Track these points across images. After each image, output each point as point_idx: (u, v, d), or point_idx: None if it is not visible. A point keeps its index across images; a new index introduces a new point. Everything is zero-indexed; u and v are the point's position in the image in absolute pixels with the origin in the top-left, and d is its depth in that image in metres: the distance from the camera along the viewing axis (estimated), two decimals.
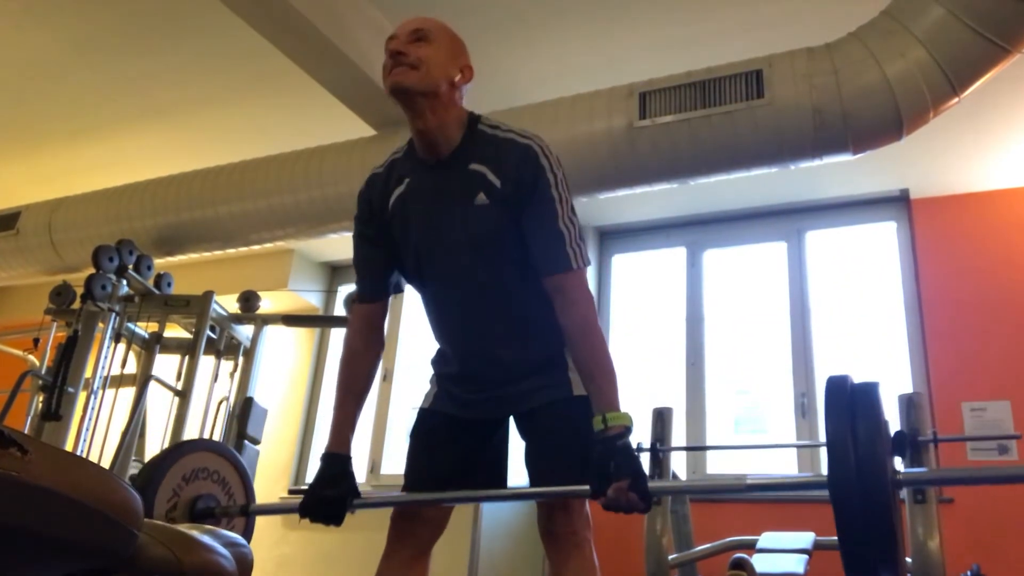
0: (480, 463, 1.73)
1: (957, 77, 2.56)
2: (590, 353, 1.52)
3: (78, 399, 3.44)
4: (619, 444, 1.42)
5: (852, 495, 1.26)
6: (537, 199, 1.55)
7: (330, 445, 1.65)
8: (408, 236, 1.65)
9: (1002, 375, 3.71)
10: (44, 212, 4.22)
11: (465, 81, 1.64)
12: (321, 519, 1.59)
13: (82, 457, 1.03)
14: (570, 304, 1.53)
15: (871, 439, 1.28)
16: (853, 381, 1.41)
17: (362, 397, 1.70)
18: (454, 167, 1.60)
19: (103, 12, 3.20)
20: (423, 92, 1.56)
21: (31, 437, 0.88)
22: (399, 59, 1.56)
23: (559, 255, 1.54)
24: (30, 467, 0.83)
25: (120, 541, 0.95)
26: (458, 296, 1.67)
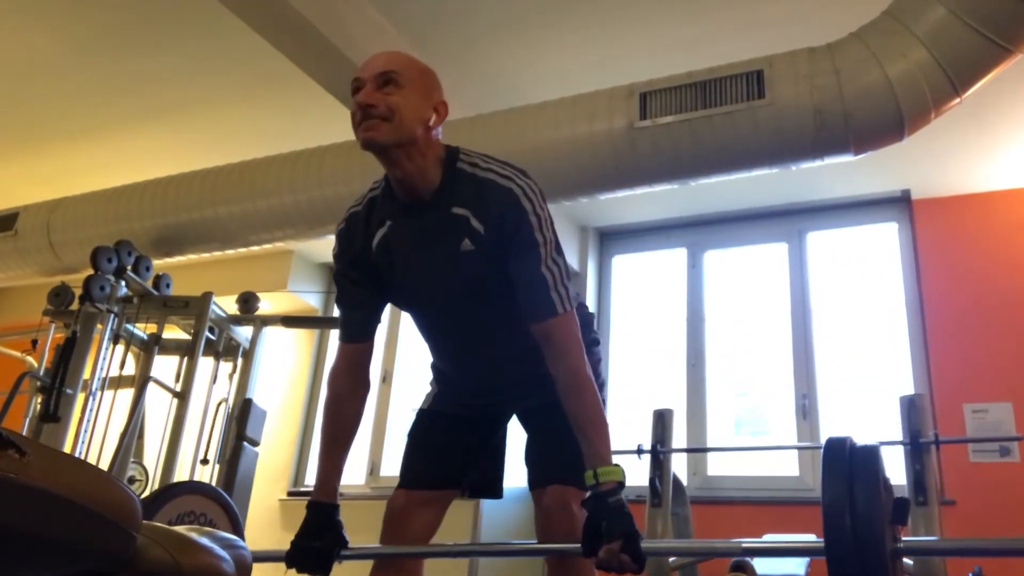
0: (478, 462, 1.73)
1: (959, 77, 2.55)
2: (581, 406, 1.48)
3: (76, 400, 3.43)
4: (611, 502, 1.39)
5: (849, 566, 1.23)
6: (520, 245, 1.50)
7: (316, 494, 1.62)
8: (395, 278, 1.62)
9: (1004, 376, 3.71)
10: (42, 213, 4.21)
11: (440, 120, 1.55)
12: (307, 570, 1.57)
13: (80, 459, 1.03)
14: (559, 354, 1.50)
15: (869, 508, 1.25)
16: (853, 443, 1.37)
17: (348, 443, 1.67)
18: (436, 210, 1.54)
19: (102, 13, 3.19)
20: (398, 144, 1.48)
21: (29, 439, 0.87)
22: (369, 112, 1.46)
23: (543, 301, 1.49)
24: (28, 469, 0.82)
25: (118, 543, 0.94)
26: (453, 329, 1.67)
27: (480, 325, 1.63)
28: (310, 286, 5.20)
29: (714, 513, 3.85)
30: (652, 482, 3.15)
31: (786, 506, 3.82)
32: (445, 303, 1.61)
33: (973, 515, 3.51)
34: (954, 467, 3.62)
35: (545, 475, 1.61)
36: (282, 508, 4.76)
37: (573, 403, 1.49)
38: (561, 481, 1.57)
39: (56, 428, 3.31)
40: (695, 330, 4.43)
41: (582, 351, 1.52)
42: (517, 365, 1.66)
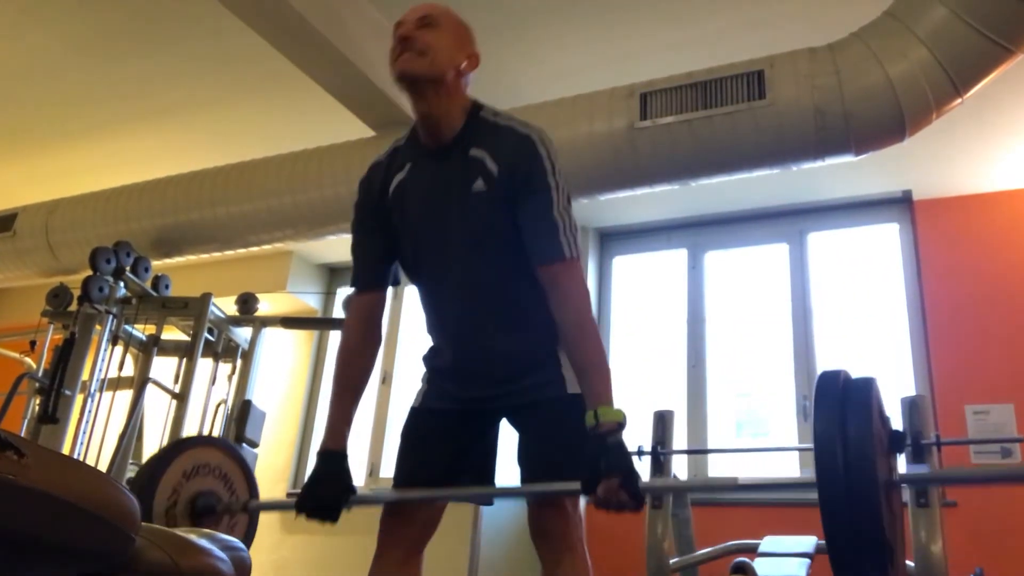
0: (470, 462, 1.72)
1: (960, 78, 2.55)
2: (584, 349, 1.50)
3: (75, 402, 3.43)
4: (611, 441, 1.40)
5: (840, 498, 1.22)
6: (532, 187, 1.55)
7: (326, 442, 1.64)
8: (407, 221, 1.65)
9: (1005, 378, 3.69)
10: (41, 213, 4.20)
11: (471, 68, 1.66)
12: (317, 516, 1.58)
13: (79, 460, 1.03)
14: (564, 298, 1.53)
15: (861, 438, 1.23)
16: (848, 375, 1.36)
17: (358, 393, 1.69)
18: (455, 153, 1.61)
19: (101, 13, 3.19)
20: (429, 78, 1.58)
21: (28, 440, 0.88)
22: (406, 44, 1.58)
23: (552, 245, 1.53)
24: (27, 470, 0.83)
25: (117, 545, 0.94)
26: (454, 285, 1.65)
27: (481, 279, 1.62)
28: (310, 287, 5.19)
29: (715, 515, 3.83)
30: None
31: (787, 508, 3.80)
32: (451, 248, 1.62)
33: (975, 517, 3.50)
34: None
35: (537, 475, 1.58)
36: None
37: (576, 346, 1.51)
38: (552, 477, 1.54)
39: (55, 429, 3.32)
40: (696, 331, 4.42)
41: (587, 297, 1.55)
42: (511, 344, 1.64)
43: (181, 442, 1.89)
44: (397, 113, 3.29)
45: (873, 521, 1.21)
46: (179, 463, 1.76)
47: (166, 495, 1.70)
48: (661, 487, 2.57)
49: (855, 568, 1.25)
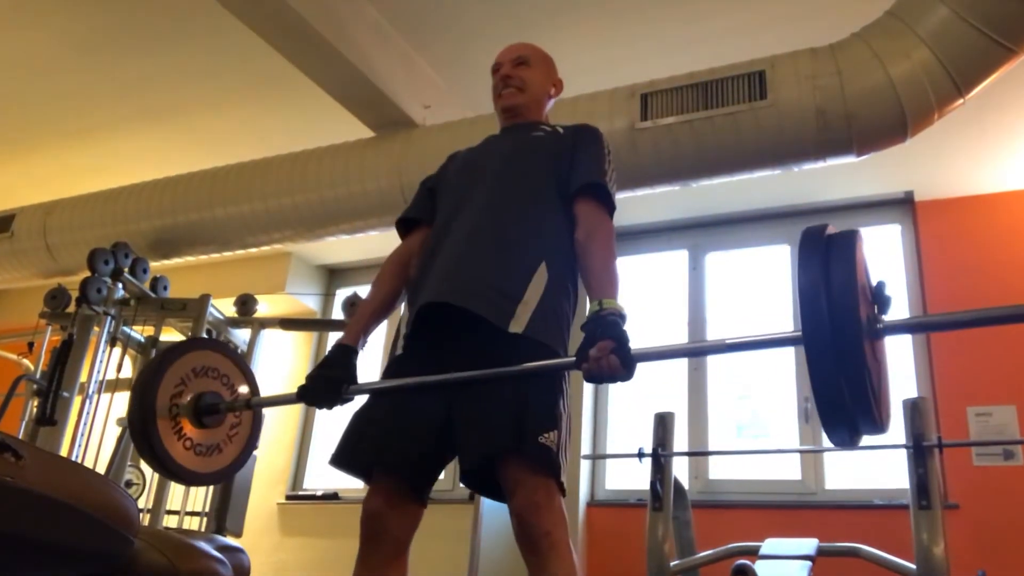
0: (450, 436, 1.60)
1: (962, 78, 2.54)
2: (600, 258, 1.61)
3: (73, 404, 3.42)
4: (609, 318, 1.46)
5: (824, 348, 1.22)
6: (585, 143, 1.80)
7: (342, 338, 1.75)
8: (461, 168, 1.88)
9: (1008, 380, 3.68)
10: (39, 214, 4.20)
11: (558, 93, 2.03)
12: (317, 400, 1.64)
13: (77, 463, 1.02)
14: (595, 225, 1.66)
15: (845, 285, 1.24)
16: (832, 229, 1.36)
17: (384, 307, 1.81)
18: (523, 129, 1.90)
19: (99, 13, 3.18)
20: (527, 106, 1.92)
21: (26, 442, 0.89)
22: (508, 82, 1.91)
23: (599, 188, 1.71)
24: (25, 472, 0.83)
25: (116, 547, 0.95)
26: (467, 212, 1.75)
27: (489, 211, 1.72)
28: (309, 288, 5.18)
29: (716, 517, 3.83)
30: (653, 486, 3.13)
31: (788, 510, 3.80)
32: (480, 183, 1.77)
33: (977, 519, 3.49)
34: (957, 471, 3.59)
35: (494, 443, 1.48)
36: (280, 512, 4.73)
37: (594, 254, 1.62)
38: (515, 451, 1.46)
39: (53, 432, 3.31)
40: (697, 332, 4.41)
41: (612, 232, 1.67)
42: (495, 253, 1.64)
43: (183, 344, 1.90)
44: (396, 114, 3.28)
45: (858, 366, 1.21)
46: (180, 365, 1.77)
47: (173, 383, 1.73)
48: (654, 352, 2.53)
49: (841, 414, 1.26)
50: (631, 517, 3.84)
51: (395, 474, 1.59)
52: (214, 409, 1.77)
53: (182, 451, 1.71)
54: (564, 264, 1.70)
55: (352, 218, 3.49)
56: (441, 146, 1.62)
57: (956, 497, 3.55)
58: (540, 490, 1.48)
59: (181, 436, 1.72)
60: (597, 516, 4.15)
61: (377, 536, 1.58)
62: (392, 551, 1.59)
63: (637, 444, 3.25)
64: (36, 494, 0.83)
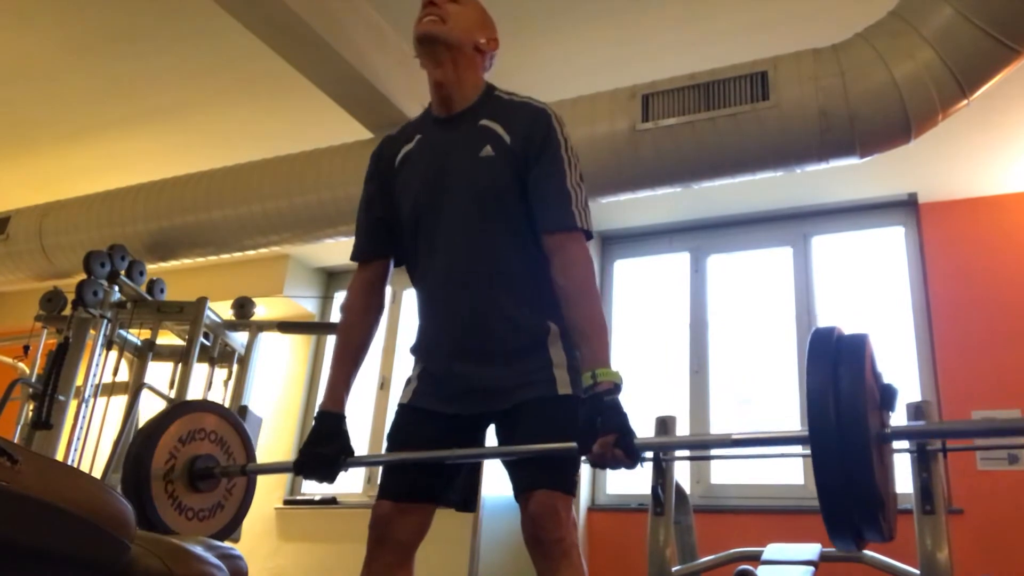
0: (456, 471, 1.69)
1: (966, 79, 2.53)
2: (585, 311, 1.51)
3: (69, 407, 3.43)
4: (607, 400, 1.40)
5: (831, 452, 1.22)
6: (547, 158, 1.57)
7: (324, 403, 1.65)
8: (410, 188, 1.66)
9: (1012, 383, 3.67)
10: (34, 217, 4.19)
11: (490, 49, 1.72)
12: (315, 476, 1.60)
13: (73, 467, 1.02)
14: (569, 263, 1.53)
15: (854, 392, 1.23)
16: (841, 331, 1.36)
17: (359, 357, 1.71)
18: (465, 123, 1.65)
19: (95, 14, 3.17)
20: (447, 43, 1.63)
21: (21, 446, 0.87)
22: (430, 10, 1.65)
23: (564, 212, 1.54)
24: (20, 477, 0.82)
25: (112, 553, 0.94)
26: (451, 253, 1.62)
27: (477, 246, 1.60)
28: (306, 291, 5.16)
29: (718, 522, 3.81)
30: (654, 490, 3.11)
31: (791, 515, 3.78)
32: (450, 212, 1.61)
33: (981, 524, 3.47)
34: (962, 475, 3.58)
35: (529, 480, 1.55)
36: (278, 517, 4.71)
37: (576, 308, 1.51)
38: (546, 486, 1.51)
39: (48, 435, 3.31)
40: (698, 336, 4.39)
41: (591, 265, 1.56)
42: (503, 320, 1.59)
43: (178, 406, 1.88)
44: (395, 114, 3.26)
45: (865, 474, 1.21)
46: (176, 427, 1.75)
47: (163, 459, 1.70)
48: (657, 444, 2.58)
49: (847, 521, 1.25)
50: (632, 522, 3.82)
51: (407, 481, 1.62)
52: (208, 474, 1.76)
53: (175, 517, 1.71)
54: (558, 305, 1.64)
55: (351, 220, 3.45)
56: None
57: (960, 502, 3.54)
58: (556, 497, 1.50)
59: (175, 501, 1.72)
60: (598, 521, 4.13)
61: (384, 541, 1.60)
62: (398, 557, 1.60)
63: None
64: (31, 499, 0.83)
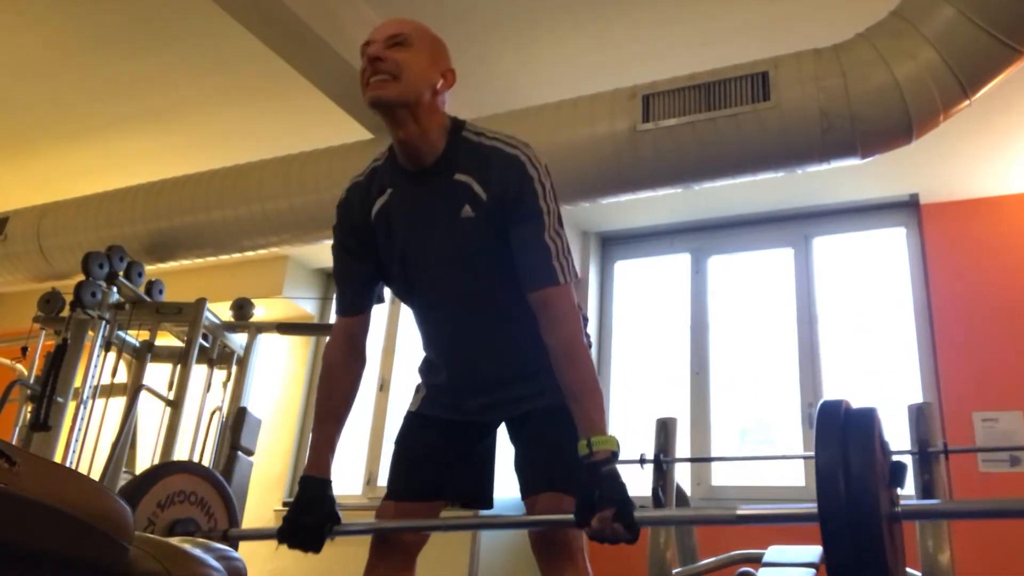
0: (466, 470, 1.71)
1: (968, 79, 2.52)
2: (575, 374, 1.46)
3: (67, 409, 3.42)
4: (604, 470, 1.36)
5: (842, 531, 1.21)
6: (523, 212, 1.50)
7: (308, 468, 1.60)
8: (393, 248, 1.60)
9: (1015, 385, 3.66)
10: (33, 217, 4.18)
11: (448, 86, 1.58)
12: (299, 546, 1.56)
13: (72, 469, 1.02)
14: (555, 321, 1.48)
15: (864, 470, 1.23)
16: (849, 405, 1.35)
17: (342, 418, 1.65)
18: (438, 176, 1.55)
19: (93, 14, 3.17)
20: (404, 103, 1.50)
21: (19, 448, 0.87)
22: (377, 66, 1.49)
23: (544, 269, 1.48)
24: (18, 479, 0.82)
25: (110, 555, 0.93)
26: (447, 308, 1.64)
27: (474, 300, 1.60)
28: (306, 292, 5.15)
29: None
30: (655, 492, 3.11)
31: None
32: (441, 273, 1.58)
33: (983, 526, 3.45)
34: (963, 477, 3.57)
35: (537, 483, 1.57)
36: (277, 519, 4.65)
37: (567, 371, 1.47)
38: (554, 489, 1.53)
39: (47, 437, 3.30)
40: (699, 337, 4.38)
41: (579, 320, 1.51)
42: (508, 351, 1.63)
43: (155, 469, 1.86)
44: None
45: (876, 555, 1.20)
46: (153, 493, 1.72)
47: (142, 526, 1.66)
48: (657, 518, 2.56)
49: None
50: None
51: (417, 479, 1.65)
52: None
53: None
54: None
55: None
56: None
57: None
58: (563, 500, 1.50)
59: None
60: None
61: (387, 545, 1.61)
62: (401, 561, 1.61)
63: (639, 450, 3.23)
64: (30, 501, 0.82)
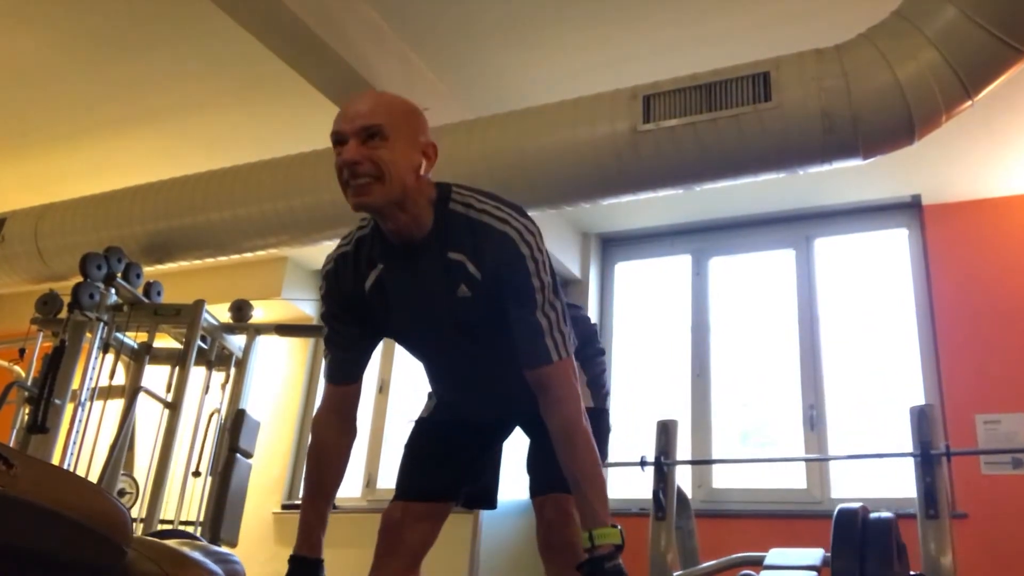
0: (474, 475, 1.73)
1: (970, 79, 2.51)
2: (577, 459, 1.43)
3: (65, 411, 3.41)
4: (608, 567, 1.34)
5: None
6: (516, 290, 1.46)
7: (298, 547, 1.52)
8: (391, 320, 1.57)
9: (1017, 387, 3.65)
10: (30, 219, 4.16)
11: (431, 163, 1.49)
12: None
13: (69, 471, 1.01)
14: (554, 403, 1.45)
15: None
16: (866, 514, 1.32)
17: (333, 491, 1.59)
18: (430, 252, 1.50)
19: (91, 15, 3.15)
20: (390, 202, 1.43)
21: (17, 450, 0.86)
22: (357, 171, 1.39)
23: (537, 348, 1.45)
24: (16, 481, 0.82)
25: (109, 557, 0.93)
26: (450, 363, 1.67)
27: (478, 361, 1.62)
28: (305, 294, 5.14)
29: (719, 527, 3.79)
30: (656, 495, 3.11)
31: (793, 519, 3.76)
32: (442, 341, 1.60)
33: (985, 528, 3.45)
34: (966, 479, 3.56)
35: (547, 483, 1.60)
36: (276, 521, 4.69)
37: (568, 456, 1.43)
38: (564, 489, 1.53)
39: (44, 439, 3.28)
40: (700, 339, 4.38)
41: (578, 400, 1.47)
42: (515, 391, 1.59)
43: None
44: None
45: None
46: None
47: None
48: None
49: None
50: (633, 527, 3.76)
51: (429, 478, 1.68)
52: None
53: None
54: None
55: (349, 222, 3.43)
56: (440, 148, 1.54)
57: (964, 506, 3.52)
58: (570, 502, 1.52)
59: None
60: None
61: (393, 547, 1.62)
62: (406, 563, 1.62)
63: (639, 452, 3.23)
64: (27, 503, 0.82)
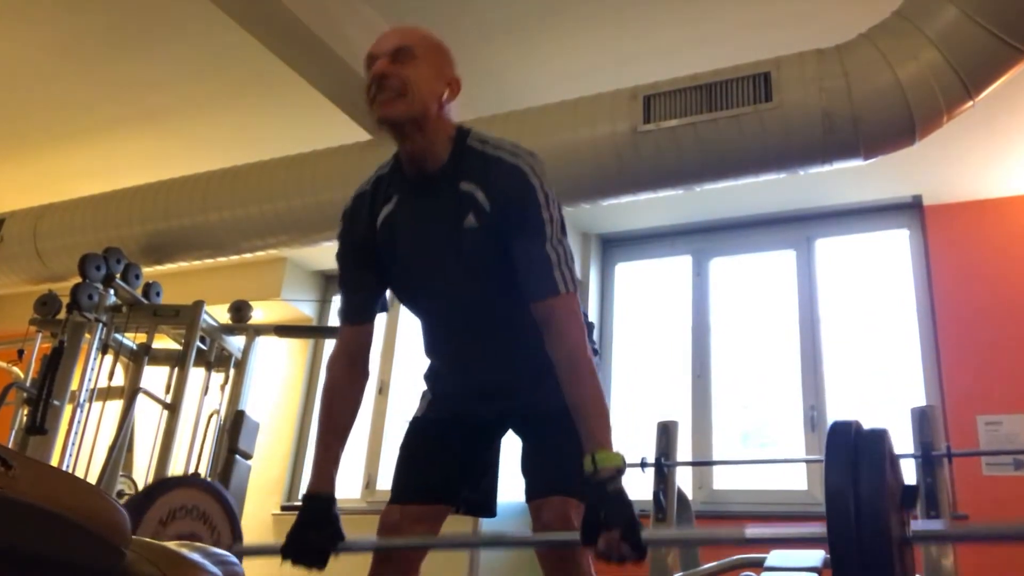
0: (471, 473, 1.72)
1: (971, 80, 2.52)
2: (580, 388, 1.45)
3: (64, 412, 3.40)
4: (610, 489, 1.35)
5: (852, 556, 1.20)
6: (525, 221, 1.50)
7: (312, 485, 1.59)
8: (397, 256, 1.61)
9: (1018, 388, 3.65)
10: (29, 219, 4.17)
11: (454, 95, 1.59)
12: (303, 563, 1.54)
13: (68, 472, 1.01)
14: (558, 335, 1.47)
15: (874, 492, 1.22)
16: (860, 426, 1.33)
17: (346, 433, 1.64)
18: (443, 185, 1.56)
19: (89, 15, 3.16)
20: (412, 119, 1.51)
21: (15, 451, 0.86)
22: (384, 84, 1.50)
23: (545, 279, 1.48)
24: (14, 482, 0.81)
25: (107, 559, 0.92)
26: (451, 316, 1.65)
27: (479, 308, 1.60)
28: (304, 294, 5.14)
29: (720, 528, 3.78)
30: (656, 496, 3.11)
31: (794, 521, 3.75)
32: (446, 283, 1.59)
33: None
34: (967, 481, 3.55)
35: (544, 486, 1.58)
36: (275, 523, 4.68)
37: (572, 385, 1.46)
38: (561, 492, 1.54)
39: (43, 441, 3.28)
40: (700, 340, 4.37)
41: (583, 333, 1.49)
42: (514, 358, 1.64)
43: (157, 485, 1.87)
44: None
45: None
46: (156, 508, 1.71)
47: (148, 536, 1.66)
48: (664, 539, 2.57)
49: None
50: None
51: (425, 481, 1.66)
52: None
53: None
54: None
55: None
56: None
57: (965, 507, 3.50)
58: (570, 504, 1.51)
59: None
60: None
61: (391, 553, 1.61)
62: (405, 567, 1.61)
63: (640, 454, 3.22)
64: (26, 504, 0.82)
